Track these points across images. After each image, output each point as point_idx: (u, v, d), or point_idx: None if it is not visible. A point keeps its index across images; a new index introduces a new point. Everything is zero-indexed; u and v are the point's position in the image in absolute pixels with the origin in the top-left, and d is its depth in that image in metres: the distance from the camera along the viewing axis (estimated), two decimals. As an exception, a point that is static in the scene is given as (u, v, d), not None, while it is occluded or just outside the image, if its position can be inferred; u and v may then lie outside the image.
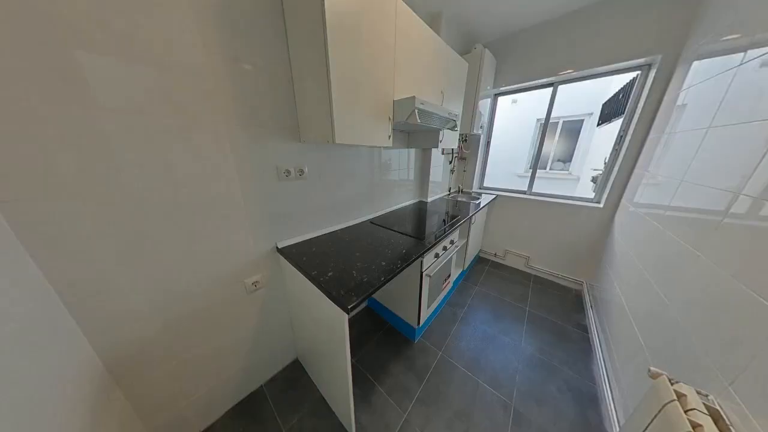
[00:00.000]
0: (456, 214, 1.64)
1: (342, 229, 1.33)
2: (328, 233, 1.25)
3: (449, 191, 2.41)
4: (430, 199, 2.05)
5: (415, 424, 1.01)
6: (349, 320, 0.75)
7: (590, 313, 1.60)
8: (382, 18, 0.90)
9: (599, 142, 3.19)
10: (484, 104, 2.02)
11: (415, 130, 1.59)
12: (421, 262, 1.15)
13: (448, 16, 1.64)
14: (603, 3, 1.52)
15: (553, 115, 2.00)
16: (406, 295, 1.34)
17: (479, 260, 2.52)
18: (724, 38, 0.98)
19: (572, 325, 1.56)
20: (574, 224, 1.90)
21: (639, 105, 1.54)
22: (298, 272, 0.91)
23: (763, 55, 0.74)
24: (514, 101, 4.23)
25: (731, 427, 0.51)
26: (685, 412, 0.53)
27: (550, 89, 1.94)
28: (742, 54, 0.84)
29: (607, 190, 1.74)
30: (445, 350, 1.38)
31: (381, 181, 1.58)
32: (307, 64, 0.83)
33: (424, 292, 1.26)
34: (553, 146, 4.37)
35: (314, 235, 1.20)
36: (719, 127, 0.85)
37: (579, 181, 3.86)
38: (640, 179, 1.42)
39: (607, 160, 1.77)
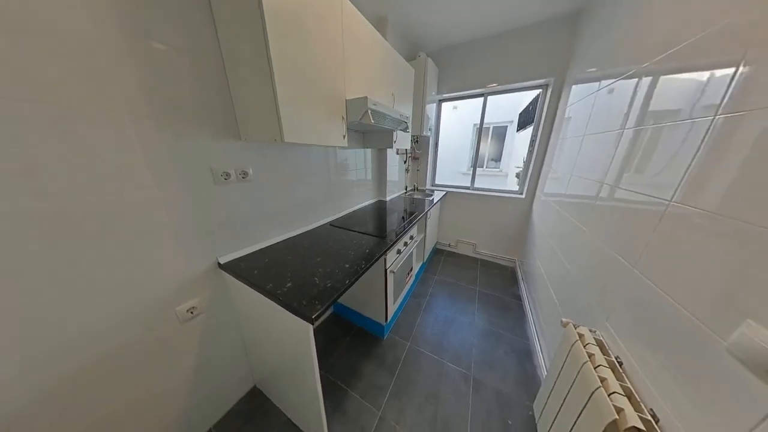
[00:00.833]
0: (413, 210, 1.74)
1: (299, 234, 1.24)
2: (284, 240, 1.15)
3: (406, 189, 2.54)
4: (389, 198, 2.11)
5: (390, 419, 1.03)
6: (315, 330, 0.70)
7: (522, 284, 1.96)
8: (328, 13, 0.87)
9: (519, 145, 3.91)
10: (431, 108, 2.21)
11: (369, 130, 1.61)
12: (385, 259, 1.18)
13: (393, 21, 1.71)
14: (513, 31, 1.86)
15: (485, 121, 2.34)
16: (373, 293, 1.35)
17: (436, 251, 2.74)
18: (588, 70, 1.34)
19: (510, 297, 1.88)
20: (506, 213, 2.28)
21: (543, 116, 1.96)
22: (250, 288, 0.80)
23: (609, 85, 1.05)
24: (455, 107, 4.76)
25: (609, 350, 0.70)
26: (584, 346, 0.71)
27: (481, 99, 2.26)
28: (597, 83, 1.17)
29: (526, 184, 2.15)
30: (413, 340, 1.46)
31: (339, 181, 1.54)
32: (242, 53, 0.73)
33: (389, 288, 1.29)
34: (487, 148, 5.13)
35: (267, 244, 1.08)
36: (590, 135, 1.17)
37: (507, 177, 4.65)
38: (547, 174, 1.81)
39: (524, 160, 2.19)
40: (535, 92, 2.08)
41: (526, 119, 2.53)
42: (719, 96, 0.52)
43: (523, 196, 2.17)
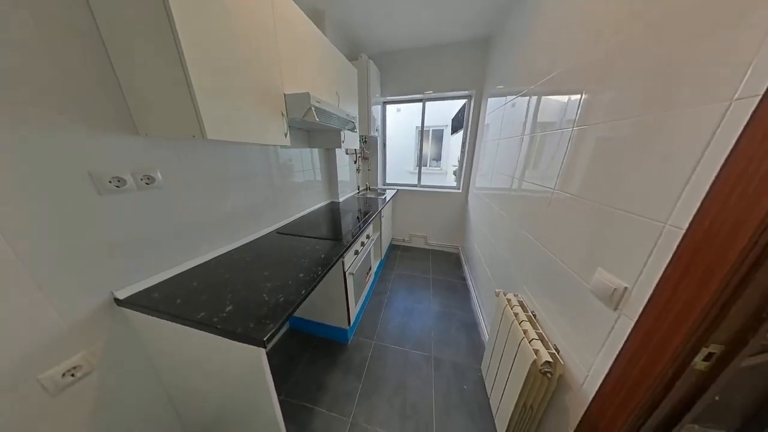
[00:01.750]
0: (368, 210, 1.76)
1: (240, 247, 1.07)
2: (219, 257, 0.96)
3: (358, 189, 2.54)
4: (341, 199, 2.06)
5: (361, 421, 1.02)
6: (268, 353, 0.62)
7: (465, 267, 2.28)
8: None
9: (454, 146, 4.49)
10: (376, 110, 2.27)
11: (314, 129, 1.52)
12: (342, 262, 1.15)
13: (333, 18, 1.66)
14: (443, 46, 2.11)
15: (425, 124, 2.58)
16: (333, 299, 1.30)
17: (393, 247, 2.86)
18: (497, 87, 1.66)
19: (457, 279, 2.15)
20: (448, 206, 2.59)
21: (469, 122, 2.31)
22: (170, 323, 0.63)
23: (512, 100, 1.33)
24: (398, 110, 5.04)
25: (527, 307, 0.90)
26: (511, 308, 0.88)
27: (420, 104, 2.48)
28: (505, 98, 1.46)
29: (462, 180, 2.50)
30: (378, 337, 1.48)
31: (284, 184, 1.40)
32: (131, 22, 0.56)
33: (350, 291, 1.27)
34: (428, 148, 5.67)
35: (194, 264, 0.88)
36: (503, 139, 1.45)
37: (447, 174, 5.27)
38: (477, 171, 2.15)
39: (459, 159, 2.54)
40: (463, 101, 2.42)
41: (457, 124, 2.93)
42: (574, 113, 0.74)
43: (460, 190, 2.51)
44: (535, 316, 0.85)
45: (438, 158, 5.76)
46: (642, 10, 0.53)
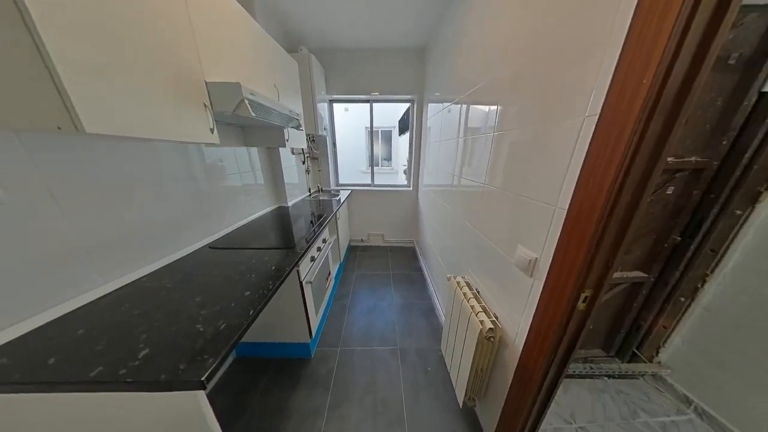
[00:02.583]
0: (322, 212, 1.67)
1: (155, 272, 0.84)
2: (119, 290, 0.73)
3: (309, 192, 2.38)
4: (291, 203, 1.89)
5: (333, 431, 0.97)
6: (210, 394, 0.51)
7: (420, 259, 2.46)
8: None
9: (402, 146, 4.75)
10: (323, 108, 2.17)
11: (251, 125, 1.34)
12: (298, 271, 1.06)
13: (262, 2, 1.48)
14: (386, 50, 2.19)
15: (374, 125, 2.63)
16: (290, 314, 1.18)
17: (351, 249, 2.82)
18: (435, 94, 1.84)
19: (414, 271, 2.30)
20: (401, 203, 2.73)
21: (414, 124, 2.49)
22: (40, 396, 0.45)
23: (447, 106, 1.50)
24: (346, 109, 4.98)
25: (472, 286, 1.05)
26: (460, 289, 1.01)
27: (368, 104, 2.52)
28: (442, 104, 1.64)
29: (411, 178, 2.68)
30: (343, 343, 1.43)
31: (214, 189, 1.18)
32: None
33: (308, 301, 1.18)
34: (379, 148, 5.82)
35: (75, 306, 0.64)
36: (443, 141, 1.62)
37: (398, 173, 5.54)
38: (424, 170, 2.35)
39: (408, 159, 2.71)
40: (407, 104, 2.59)
41: (404, 126, 3.11)
42: (493, 121, 0.90)
43: (411, 188, 2.69)
44: (478, 292, 0.99)
45: (389, 158, 5.98)
46: (531, 44, 0.69)
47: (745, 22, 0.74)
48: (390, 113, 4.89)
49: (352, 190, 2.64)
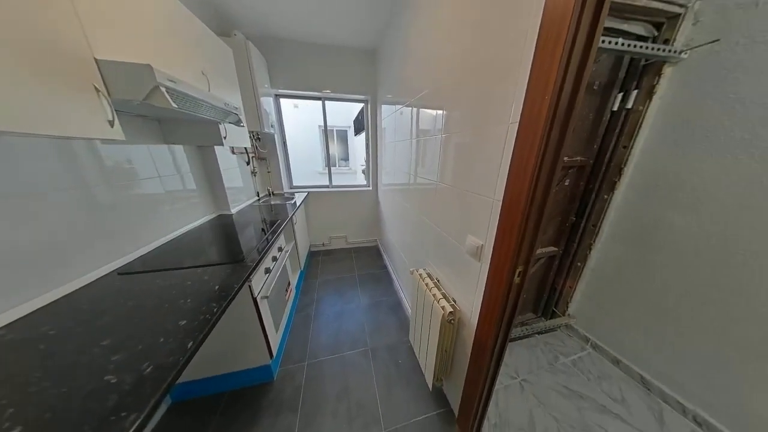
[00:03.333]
0: (276, 219, 1.52)
1: (24, 318, 0.61)
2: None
3: (258, 196, 2.13)
4: (235, 210, 1.65)
5: (304, 455, 0.90)
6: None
7: (384, 256, 2.52)
8: None
9: (359, 146, 4.73)
10: (268, 103, 1.96)
11: (172, 119, 1.10)
12: (250, 287, 0.93)
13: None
14: (340, 47, 2.12)
15: (328, 124, 2.54)
16: (244, 336, 1.04)
17: (312, 254, 2.66)
18: (387, 96, 1.90)
19: (379, 269, 2.34)
20: (362, 203, 2.73)
21: (369, 125, 2.51)
22: None
23: (399, 108, 1.57)
24: (296, 106, 4.63)
25: (432, 276, 1.13)
26: (423, 280, 1.08)
27: (320, 102, 2.41)
28: (394, 106, 1.71)
29: (370, 178, 2.70)
30: (310, 356, 1.35)
31: (121, 199, 0.93)
32: None
33: (265, 318, 1.06)
34: (335, 148, 5.65)
35: None
36: (398, 142, 1.69)
37: (356, 173, 5.51)
38: (382, 170, 2.40)
39: (365, 159, 2.71)
40: (361, 104, 2.59)
41: (359, 126, 3.10)
42: (441, 124, 0.99)
43: (371, 188, 2.71)
44: (439, 281, 1.08)
45: (346, 158, 5.87)
46: (466, 59, 0.78)
47: (600, 59, 1.03)
48: (344, 112, 4.79)
49: (308, 192, 2.49)
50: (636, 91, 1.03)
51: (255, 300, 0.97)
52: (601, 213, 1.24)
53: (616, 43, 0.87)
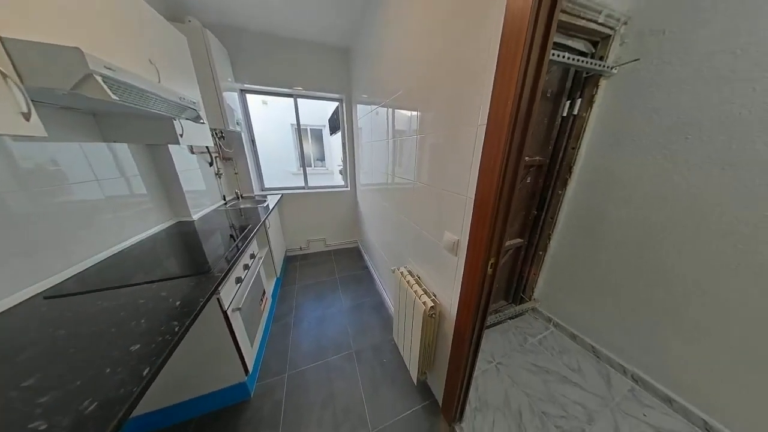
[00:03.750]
0: (245, 223, 1.41)
1: None
2: None
3: (224, 200, 1.95)
4: (197, 216, 1.49)
5: (288, 472, 0.86)
6: None
7: (366, 257, 2.50)
8: None
9: (336, 146, 4.62)
10: (232, 98, 1.81)
11: (112, 113, 0.95)
12: (218, 300, 0.85)
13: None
14: (311, 43, 2.03)
15: (301, 122, 2.43)
16: (213, 354, 0.94)
17: (289, 260, 2.53)
18: (363, 96, 1.89)
19: (360, 270, 2.32)
20: (340, 204, 2.67)
21: (345, 124, 2.47)
22: None
23: (375, 109, 1.58)
24: (265, 102, 4.35)
25: (413, 273, 1.16)
26: (404, 278, 1.10)
27: (292, 99, 2.29)
28: (370, 106, 1.70)
29: (348, 178, 2.66)
30: (291, 366, 1.28)
31: (43, 207, 0.77)
32: None
33: (238, 332, 0.98)
34: (310, 148, 5.44)
35: None
36: (375, 142, 1.69)
37: (334, 174, 5.38)
38: (360, 170, 2.38)
39: (342, 159, 2.67)
40: (335, 103, 2.53)
41: (334, 125, 3.03)
42: (416, 125, 1.01)
43: (349, 188, 2.67)
44: (419, 277, 1.11)
45: (322, 158, 5.70)
46: (438, 63, 0.82)
47: (552, 70, 1.16)
48: (318, 111, 4.64)
49: (282, 194, 2.36)
50: (580, 100, 1.19)
51: (225, 313, 0.89)
52: (557, 206, 1.40)
53: (563, 57, 0.99)
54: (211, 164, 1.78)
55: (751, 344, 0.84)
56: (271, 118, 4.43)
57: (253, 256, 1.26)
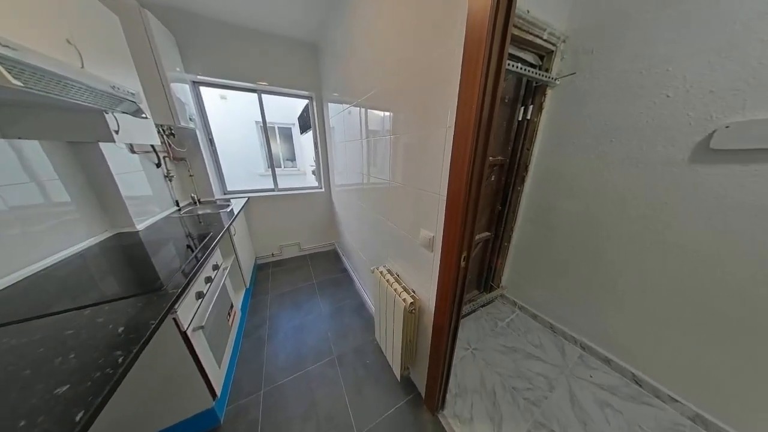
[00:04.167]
0: (206, 231, 1.26)
1: None
2: None
3: (179, 206, 1.72)
4: (142, 225, 1.28)
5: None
6: None
7: (344, 259, 2.45)
8: None
9: (307, 146, 4.43)
10: (183, 91, 1.60)
11: (20, 102, 0.77)
12: (175, 319, 0.75)
13: None
14: (277, 37, 1.90)
15: (268, 120, 2.27)
16: (171, 383, 0.82)
17: (260, 268, 2.34)
18: (334, 94, 1.85)
19: (339, 272, 2.27)
20: (314, 206, 2.57)
21: (316, 123, 2.38)
22: None
23: (347, 108, 1.55)
24: (224, 97, 3.96)
25: (392, 271, 1.18)
26: (384, 277, 1.11)
27: (255, 95, 2.12)
28: (342, 105, 1.67)
29: (322, 179, 2.57)
30: (267, 382, 1.19)
31: None
32: None
33: (202, 353, 0.87)
34: (278, 148, 5.11)
35: None
36: (348, 142, 1.67)
37: (306, 174, 5.15)
38: (334, 170, 2.32)
39: (315, 159, 2.57)
40: (305, 100, 2.42)
41: (304, 124, 2.90)
42: (389, 125, 1.03)
43: (323, 189, 2.58)
44: (398, 275, 1.13)
45: (293, 158, 5.41)
46: (408, 66, 0.84)
47: (508, 78, 1.28)
48: (286, 108, 4.39)
49: (249, 197, 2.18)
50: (532, 106, 1.34)
51: (185, 334, 0.78)
52: (517, 202, 1.56)
53: (517, 67, 1.10)
54: (158, 165, 1.56)
55: (663, 308, 1.05)
56: (232, 114, 4.05)
57: (216, 267, 1.14)
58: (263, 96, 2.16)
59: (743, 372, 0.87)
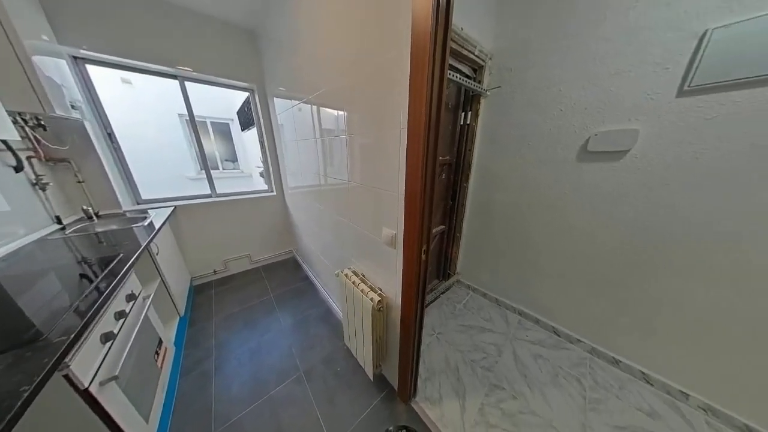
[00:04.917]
0: (112, 253, 0.97)
1: None
2: None
3: (61, 223, 1.28)
4: (-6, 255, 0.90)
5: None
6: None
7: (304, 266, 2.29)
8: None
9: (251, 144, 3.92)
10: (57, 68, 1.18)
11: None
12: (67, 376, 0.55)
13: None
14: (208, 17, 1.61)
15: (198, 113, 1.91)
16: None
17: (198, 290, 1.96)
18: (280, 89, 1.69)
19: (299, 282, 2.11)
20: (265, 212, 2.31)
21: (260, 119, 2.13)
22: None
23: (297, 105, 1.45)
24: (127, 81, 3.13)
25: (358, 272, 1.17)
26: (350, 279, 1.08)
27: (176, 81, 1.76)
28: (290, 101, 1.55)
29: (273, 181, 2.33)
30: (219, 420, 1.01)
31: None
32: None
33: (117, 411, 0.67)
34: (213, 146, 4.36)
35: None
36: (300, 140, 1.56)
37: (252, 177, 4.57)
38: (286, 171, 2.13)
39: (262, 160, 2.30)
40: (245, 93, 2.13)
41: (246, 120, 2.56)
42: (344, 124, 1.01)
43: (275, 192, 2.34)
44: (364, 275, 1.13)
45: (233, 158, 4.71)
46: (359, 66, 0.84)
47: (450, 86, 1.43)
48: (220, 100, 3.77)
49: (175, 206, 1.79)
50: (470, 112, 1.53)
51: (87, 392, 0.59)
52: (464, 197, 1.76)
53: (456, 77, 1.24)
54: (18, 170, 1.11)
55: (568, 273, 1.36)
56: (143, 104, 3.24)
57: (132, 297, 0.89)
58: (188, 84, 1.80)
59: (618, 312, 1.22)
